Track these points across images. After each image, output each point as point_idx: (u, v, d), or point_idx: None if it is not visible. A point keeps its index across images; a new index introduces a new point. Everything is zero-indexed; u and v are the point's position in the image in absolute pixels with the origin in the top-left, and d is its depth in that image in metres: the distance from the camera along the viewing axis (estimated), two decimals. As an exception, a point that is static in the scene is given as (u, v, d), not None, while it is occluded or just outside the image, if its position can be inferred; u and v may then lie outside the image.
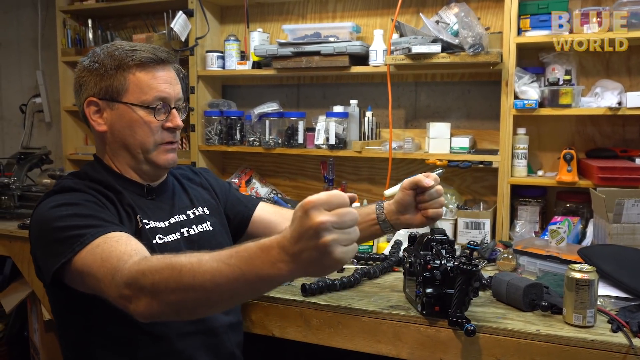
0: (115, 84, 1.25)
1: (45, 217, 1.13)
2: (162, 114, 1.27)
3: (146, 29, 2.79)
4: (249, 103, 2.60)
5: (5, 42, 3.42)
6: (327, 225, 0.76)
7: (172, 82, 1.29)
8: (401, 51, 2.08)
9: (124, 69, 1.24)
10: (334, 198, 0.78)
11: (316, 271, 0.80)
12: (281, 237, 0.80)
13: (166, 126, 1.28)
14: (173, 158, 1.32)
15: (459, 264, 1.24)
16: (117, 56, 1.25)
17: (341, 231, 0.77)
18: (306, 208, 0.77)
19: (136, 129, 1.26)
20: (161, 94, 1.26)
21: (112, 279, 0.96)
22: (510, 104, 1.97)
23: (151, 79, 1.26)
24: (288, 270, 0.79)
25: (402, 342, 1.36)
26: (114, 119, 1.27)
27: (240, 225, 1.53)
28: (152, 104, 1.25)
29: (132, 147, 1.28)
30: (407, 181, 1.34)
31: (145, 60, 1.25)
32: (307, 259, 0.78)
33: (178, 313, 0.94)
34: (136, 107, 1.25)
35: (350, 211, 0.79)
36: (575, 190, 1.99)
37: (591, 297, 1.25)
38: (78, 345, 1.25)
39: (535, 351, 1.24)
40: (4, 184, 2.48)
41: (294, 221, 0.79)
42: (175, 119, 1.29)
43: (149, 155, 1.28)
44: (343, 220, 0.77)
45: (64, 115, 2.90)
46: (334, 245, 0.76)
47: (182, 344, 1.24)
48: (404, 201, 1.35)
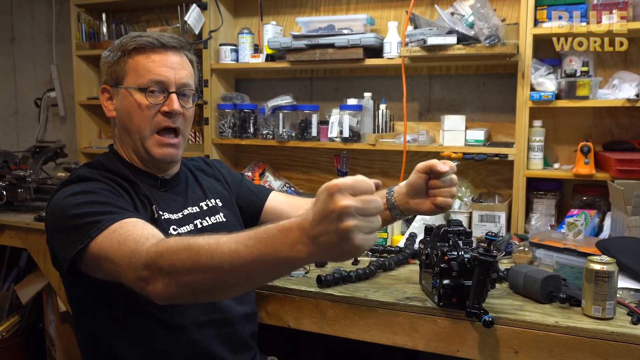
0: (118, 69, 1.27)
1: (61, 205, 1.14)
2: (157, 96, 1.26)
3: (160, 23, 2.80)
4: (262, 96, 2.60)
5: (20, 36, 3.44)
6: (351, 210, 0.74)
7: (173, 67, 1.27)
8: (416, 43, 2.06)
9: (125, 53, 1.27)
10: (360, 183, 0.77)
11: (333, 256, 0.79)
12: (301, 219, 0.78)
13: (162, 110, 1.26)
14: (170, 154, 1.29)
15: (477, 255, 1.23)
16: (123, 42, 1.27)
17: (364, 218, 0.76)
18: (331, 191, 0.75)
19: (132, 112, 1.26)
20: (157, 77, 1.25)
21: (129, 262, 0.96)
22: (527, 96, 1.95)
23: (148, 62, 1.26)
24: (306, 253, 0.78)
25: (418, 333, 1.35)
26: (117, 104, 1.29)
27: (253, 215, 1.53)
28: (146, 86, 1.25)
29: (131, 132, 1.28)
30: (421, 164, 1.31)
31: (143, 44, 1.26)
32: (325, 242, 0.76)
33: (195, 295, 0.93)
34: (132, 90, 1.26)
35: (375, 199, 0.77)
36: (592, 183, 1.97)
37: (610, 288, 1.23)
38: (93, 335, 1.25)
39: (553, 343, 1.23)
40: (19, 176, 2.50)
41: (316, 203, 0.77)
42: (172, 102, 1.26)
43: (146, 142, 1.27)
44: (367, 207, 0.76)
45: (78, 109, 2.92)
46: (355, 231, 0.75)
47: (198, 334, 1.24)
48: (416, 184, 1.32)
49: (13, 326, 2.63)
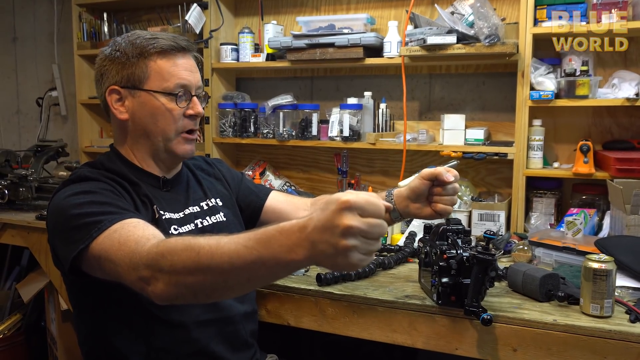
0: (137, 71, 1.25)
1: (62, 205, 1.14)
2: (184, 101, 1.28)
3: (161, 22, 2.80)
4: (262, 95, 2.61)
5: (22, 36, 3.45)
6: (354, 231, 0.76)
7: (192, 70, 1.30)
8: (416, 42, 2.07)
9: (145, 56, 1.25)
10: (371, 206, 0.78)
11: (327, 265, 0.81)
12: (303, 222, 0.80)
13: (187, 113, 1.29)
14: (191, 149, 1.33)
15: (476, 253, 1.23)
16: (139, 44, 1.26)
17: (365, 240, 0.78)
18: (341, 206, 0.77)
19: (158, 116, 1.27)
20: (182, 81, 1.27)
21: (130, 262, 0.97)
22: (526, 95, 1.96)
23: (172, 66, 1.26)
24: (304, 256, 0.79)
25: (417, 331, 1.36)
26: (135, 107, 1.27)
27: (253, 215, 1.54)
28: (174, 91, 1.26)
29: (153, 135, 1.28)
30: (426, 171, 1.32)
31: (166, 48, 1.26)
32: (322, 251, 0.78)
33: (195, 295, 0.94)
34: (158, 94, 1.26)
35: (380, 224, 0.79)
36: (591, 182, 1.98)
37: (609, 287, 1.24)
38: (95, 333, 1.26)
39: (552, 341, 1.23)
40: (21, 175, 2.51)
41: (324, 211, 0.78)
42: (196, 106, 1.30)
43: (170, 143, 1.29)
44: (371, 231, 0.78)
45: (79, 109, 2.93)
46: (353, 251, 0.77)
47: (199, 333, 1.25)
48: (418, 190, 1.34)
49: (15, 324, 2.64)
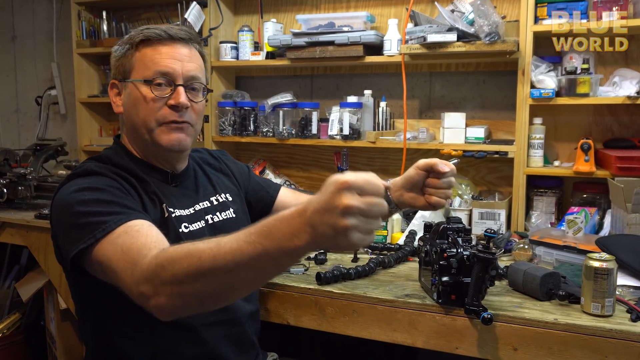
0: (125, 62, 1.24)
1: (67, 201, 1.10)
2: (163, 89, 1.22)
3: (160, 20, 2.79)
4: (262, 94, 2.60)
5: (21, 34, 3.44)
6: (354, 210, 0.74)
7: (181, 59, 1.23)
8: (416, 40, 2.06)
9: (132, 46, 1.24)
10: (369, 185, 0.77)
11: (328, 246, 0.79)
12: (302, 207, 0.78)
13: (169, 103, 1.22)
14: (178, 138, 1.24)
15: (476, 252, 1.23)
16: (130, 36, 1.25)
17: (365, 219, 0.76)
18: (340, 187, 0.75)
19: (139, 106, 1.22)
20: (163, 69, 1.21)
21: (131, 274, 0.94)
22: (527, 94, 1.95)
23: (155, 54, 1.22)
24: (306, 240, 0.77)
25: (417, 330, 1.35)
26: (124, 98, 1.26)
27: (263, 211, 1.50)
28: (151, 78, 1.21)
29: (137, 126, 1.24)
30: (422, 162, 1.29)
31: (150, 36, 1.22)
32: (322, 232, 0.76)
33: (202, 303, 0.91)
34: (138, 83, 1.22)
35: (380, 202, 0.77)
36: (592, 180, 1.97)
37: (610, 286, 1.23)
38: (99, 333, 1.23)
39: (552, 340, 1.23)
40: (20, 174, 2.51)
41: (323, 193, 0.77)
42: (178, 95, 1.22)
43: (152, 134, 1.23)
44: (370, 210, 0.76)
45: (78, 107, 2.92)
46: (353, 230, 0.75)
47: (206, 334, 1.23)
48: (413, 179, 1.30)
49: (14, 324, 2.63)
